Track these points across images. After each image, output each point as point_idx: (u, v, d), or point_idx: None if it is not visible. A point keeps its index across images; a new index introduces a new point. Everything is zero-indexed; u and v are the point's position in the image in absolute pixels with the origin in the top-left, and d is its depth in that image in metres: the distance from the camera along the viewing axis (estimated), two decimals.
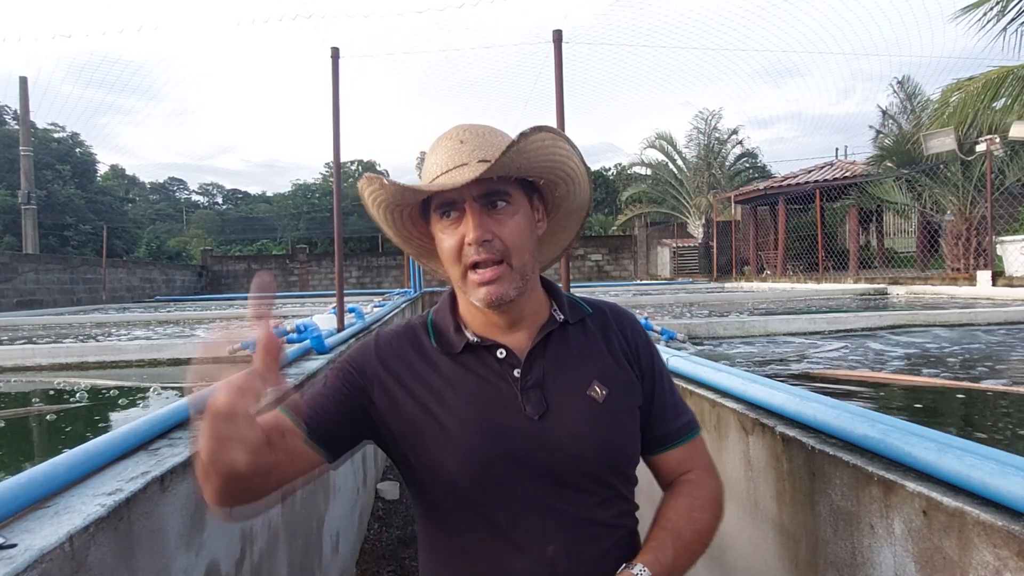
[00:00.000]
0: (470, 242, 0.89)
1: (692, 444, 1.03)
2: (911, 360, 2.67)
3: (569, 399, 0.94)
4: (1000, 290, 6.47)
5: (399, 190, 0.92)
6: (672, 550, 0.90)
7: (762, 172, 21.53)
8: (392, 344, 1.00)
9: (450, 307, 1.01)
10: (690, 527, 0.94)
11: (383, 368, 0.97)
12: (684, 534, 0.93)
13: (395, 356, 0.98)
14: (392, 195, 0.94)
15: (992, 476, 0.83)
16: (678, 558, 0.90)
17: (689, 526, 0.94)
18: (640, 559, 0.88)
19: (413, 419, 0.93)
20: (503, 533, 0.89)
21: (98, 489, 0.98)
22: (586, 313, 1.05)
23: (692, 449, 1.03)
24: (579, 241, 20.62)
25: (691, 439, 1.03)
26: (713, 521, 0.98)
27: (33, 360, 3.37)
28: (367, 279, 19.75)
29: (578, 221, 1.08)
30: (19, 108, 15.00)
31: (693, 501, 0.97)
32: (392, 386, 0.96)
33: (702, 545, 0.96)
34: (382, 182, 0.92)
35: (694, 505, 0.97)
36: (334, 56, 3.40)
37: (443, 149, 0.94)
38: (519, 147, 0.86)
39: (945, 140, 8.56)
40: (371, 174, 0.94)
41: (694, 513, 0.96)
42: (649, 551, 0.90)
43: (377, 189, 0.94)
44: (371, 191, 0.95)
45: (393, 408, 0.95)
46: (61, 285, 11.38)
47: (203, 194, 51.81)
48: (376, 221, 1.01)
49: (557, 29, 3.00)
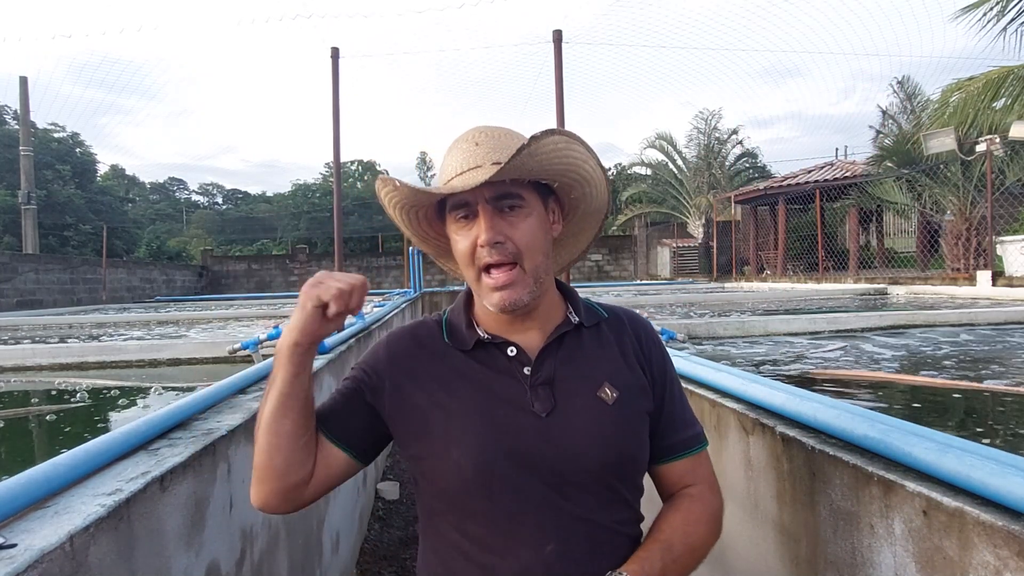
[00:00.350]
0: (482, 244, 0.90)
1: (697, 457, 1.02)
2: (911, 360, 2.67)
3: (578, 399, 0.94)
4: (1000, 290, 6.47)
5: (411, 192, 0.93)
6: (660, 563, 0.89)
7: (762, 172, 21.53)
8: (403, 340, 1.02)
9: (465, 305, 1.03)
10: (683, 541, 0.93)
11: (393, 365, 0.99)
12: (675, 548, 0.92)
13: (405, 353, 1.00)
14: (405, 196, 0.95)
15: (992, 476, 0.83)
16: (666, 571, 0.89)
17: (682, 540, 0.93)
18: (626, 567, 0.88)
19: (422, 411, 0.95)
20: (503, 528, 0.90)
21: (98, 489, 0.98)
22: (602, 318, 1.05)
23: (697, 462, 1.02)
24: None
25: (697, 452, 1.02)
26: (708, 538, 0.97)
27: (33, 360, 3.37)
28: (367, 279, 19.75)
29: (596, 224, 1.09)
30: (19, 108, 15.01)
31: (689, 516, 0.97)
32: (403, 381, 0.97)
33: (694, 561, 0.94)
34: (395, 183, 0.93)
35: (689, 520, 0.96)
36: (334, 56, 3.40)
37: (459, 151, 0.95)
38: (530, 150, 0.86)
39: (945, 140, 8.57)
40: (386, 176, 0.95)
41: (689, 528, 0.95)
42: (636, 561, 0.89)
43: (392, 190, 0.95)
44: (387, 192, 0.96)
45: (403, 402, 0.96)
46: (61, 285, 11.38)
47: (203, 194, 51.82)
48: (394, 221, 1.03)
49: (557, 29, 3.00)
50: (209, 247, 25.27)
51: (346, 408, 0.98)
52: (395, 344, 1.02)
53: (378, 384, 0.98)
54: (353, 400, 0.98)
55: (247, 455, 1.53)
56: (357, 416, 0.97)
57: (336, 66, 3.27)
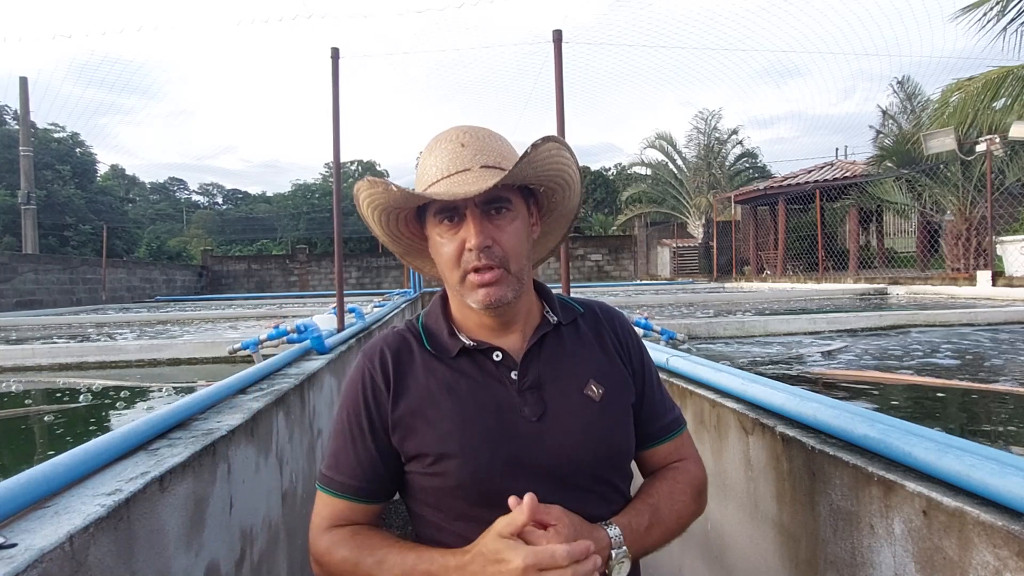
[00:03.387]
0: (471, 248, 0.89)
1: (679, 439, 1.05)
2: (911, 360, 2.67)
3: (567, 399, 0.94)
4: (1000, 290, 6.46)
5: (405, 196, 0.91)
6: (648, 520, 0.92)
7: (762, 172, 21.52)
8: (382, 359, 0.97)
9: (442, 311, 1.01)
10: (669, 506, 0.96)
11: (375, 391, 0.95)
12: (662, 510, 0.95)
13: (385, 374, 0.96)
14: (396, 200, 0.93)
15: (992, 476, 0.83)
16: (651, 529, 0.92)
17: (668, 504, 0.96)
18: (616, 520, 0.90)
19: (412, 423, 0.93)
20: None
21: (98, 489, 0.98)
22: (578, 313, 1.06)
23: (679, 444, 1.05)
24: (579, 241, 20.50)
25: (679, 434, 1.05)
26: (693, 506, 1.00)
27: (33, 360, 3.37)
28: (367, 279, 19.75)
29: (566, 224, 1.10)
30: (19, 108, 15.00)
31: (675, 485, 0.99)
32: (388, 401, 0.95)
33: (679, 526, 0.97)
34: (387, 187, 0.90)
35: (675, 489, 0.99)
36: (334, 56, 3.40)
37: (443, 152, 0.93)
38: (530, 157, 0.86)
39: (945, 140, 8.56)
40: (373, 177, 0.92)
41: (675, 495, 0.98)
42: (625, 516, 0.92)
43: (380, 193, 0.92)
44: (369, 194, 0.93)
45: (393, 422, 0.94)
46: (61, 285, 11.38)
47: (203, 194, 51.74)
48: (365, 221, 1.01)
49: (557, 29, 2.99)
50: (209, 247, 25.26)
51: (373, 470, 0.94)
52: (372, 368, 0.97)
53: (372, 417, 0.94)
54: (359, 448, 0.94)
55: (247, 455, 1.53)
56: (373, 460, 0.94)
57: (336, 66, 3.26)
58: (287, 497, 1.89)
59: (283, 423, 1.90)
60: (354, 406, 0.96)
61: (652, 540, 0.93)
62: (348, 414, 0.96)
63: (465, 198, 0.86)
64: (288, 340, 2.86)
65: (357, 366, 1.00)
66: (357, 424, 0.95)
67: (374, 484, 0.94)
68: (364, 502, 0.94)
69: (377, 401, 0.95)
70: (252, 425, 1.58)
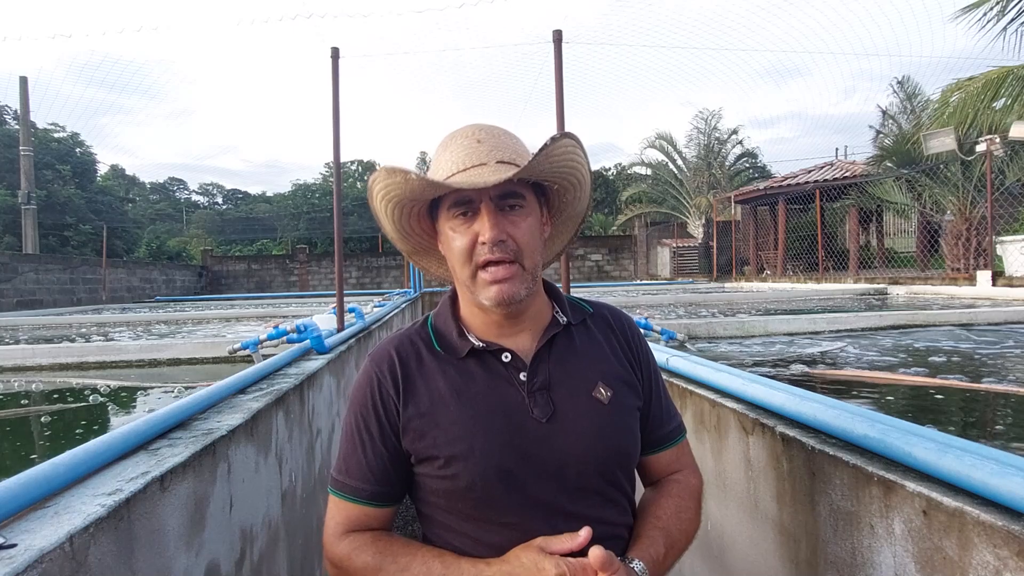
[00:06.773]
0: (484, 241, 0.89)
1: (681, 446, 1.07)
2: (910, 360, 2.67)
3: (575, 401, 0.94)
4: (1000, 290, 6.46)
5: (423, 186, 0.90)
6: (663, 547, 0.93)
7: (762, 172, 21.53)
8: (391, 362, 0.97)
9: (451, 311, 1.01)
10: (678, 526, 0.97)
11: (384, 394, 0.95)
12: (672, 532, 0.96)
13: (394, 377, 0.96)
14: (414, 190, 0.92)
15: (992, 476, 0.83)
16: (667, 555, 0.94)
17: (677, 524, 0.97)
18: (635, 554, 0.90)
19: (422, 425, 0.93)
20: (509, 533, 0.89)
21: (98, 489, 0.98)
22: (587, 313, 1.06)
23: (681, 451, 1.07)
24: (579, 241, 20.48)
25: (681, 441, 1.07)
26: (697, 520, 1.02)
27: (33, 360, 3.37)
28: (367, 279, 19.75)
29: (574, 226, 1.10)
30: (19, 108, 15.00)
31: (681, 502, 1.01)
32: (398, 404, 0.95)
33: (687, 542, 0.99)
34: (406, 176, 0.88)
35: (681, 506, 1.00)
36: (334, 56, 3.39)
37: (459, 147, 0.93)
38: (547, 151, 0.87)
39: (945, 140, 8.56)
40: (392, 166, 0.90)
41: (682, 513, 0.99)
42: (641, 547, 0.92)
43: (398, 183, 0.90)
44: (385, 185, 0.92)
45: (403, 425, 0.94)
46: (61, 285, 11.38)
47: (203, 194, 51.70)
48: (377, 215, 0.99)
49: (557, 29, 2.99)
50: (209, 247, 25.24)
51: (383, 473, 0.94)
52: (380, 370, 0.97)
53: (381, 418, 0.94)
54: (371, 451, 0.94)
55: (247, 455, 1.53)
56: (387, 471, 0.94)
57: (336, 66, 3.26)
58: (287, 497, 1.89)
59: (283, 423, 1.90)
60: (364, 410, 0.96)
61: (667, 565, 0.95)
62: (358, 418, 0.96)
63: (483, 188, 0.86)
64: (288, 340, 2.86)
65: (365, 370, 0.99)
66: (367, 428, 0.95)
67: (385, 487, 0.95)
68: (377, 506, 0.95)
69: (386, 405, 0.95)
70: (252, 425, 1.58)
